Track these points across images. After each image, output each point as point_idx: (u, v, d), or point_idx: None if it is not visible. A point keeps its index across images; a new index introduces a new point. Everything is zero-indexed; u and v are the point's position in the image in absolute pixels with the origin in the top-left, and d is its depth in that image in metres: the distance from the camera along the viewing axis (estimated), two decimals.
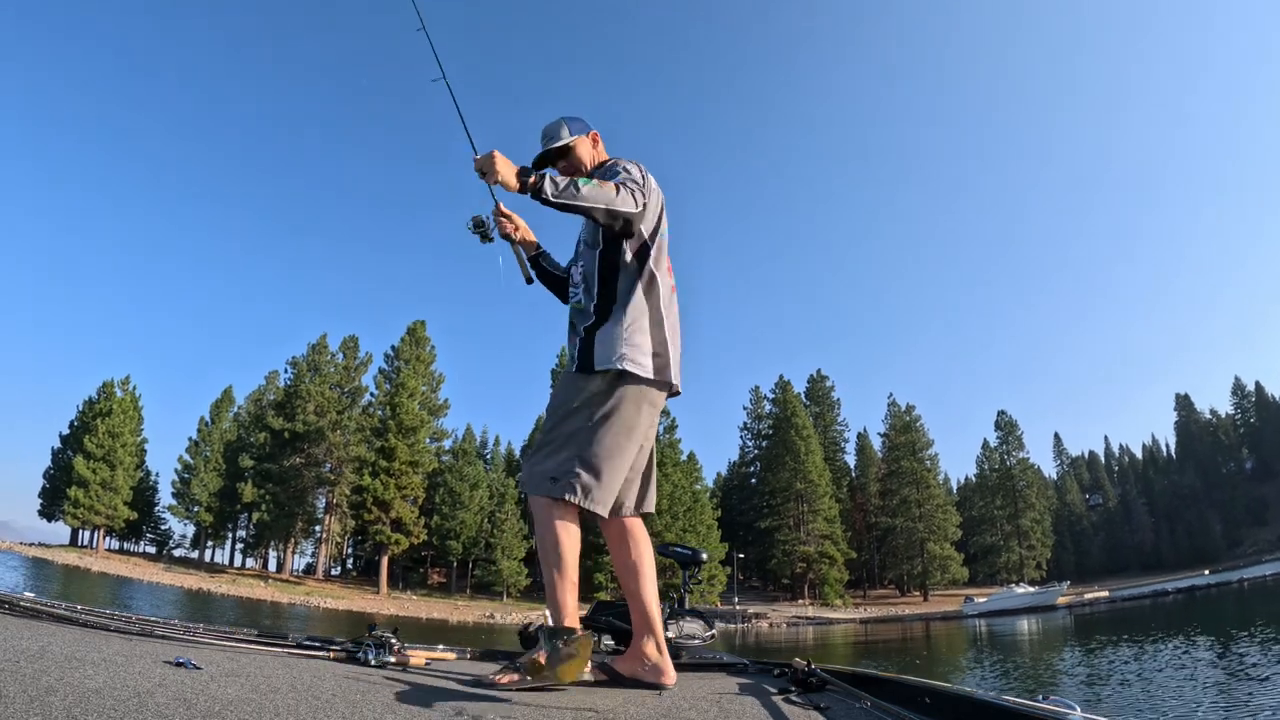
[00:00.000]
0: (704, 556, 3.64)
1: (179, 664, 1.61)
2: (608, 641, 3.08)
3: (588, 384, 2.34)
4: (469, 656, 3.15)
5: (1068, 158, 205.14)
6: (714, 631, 3.26)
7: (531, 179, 2.23)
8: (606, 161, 2.67)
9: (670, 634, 3.00)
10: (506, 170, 2.25)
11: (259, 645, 2.30)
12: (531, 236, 2.81)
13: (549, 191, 2.22)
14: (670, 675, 2.31)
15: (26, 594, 2.12)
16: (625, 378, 2.32)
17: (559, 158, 2.65)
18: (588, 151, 2.68)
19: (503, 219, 2.70)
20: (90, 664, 1.44)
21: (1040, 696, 1.64)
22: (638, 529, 2.42)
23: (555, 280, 2.78)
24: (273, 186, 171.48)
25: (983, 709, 1.47)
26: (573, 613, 2.24)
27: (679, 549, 3.60)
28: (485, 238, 2.69)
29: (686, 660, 2.88)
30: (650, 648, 2.32)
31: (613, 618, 3.10)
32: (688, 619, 3.18)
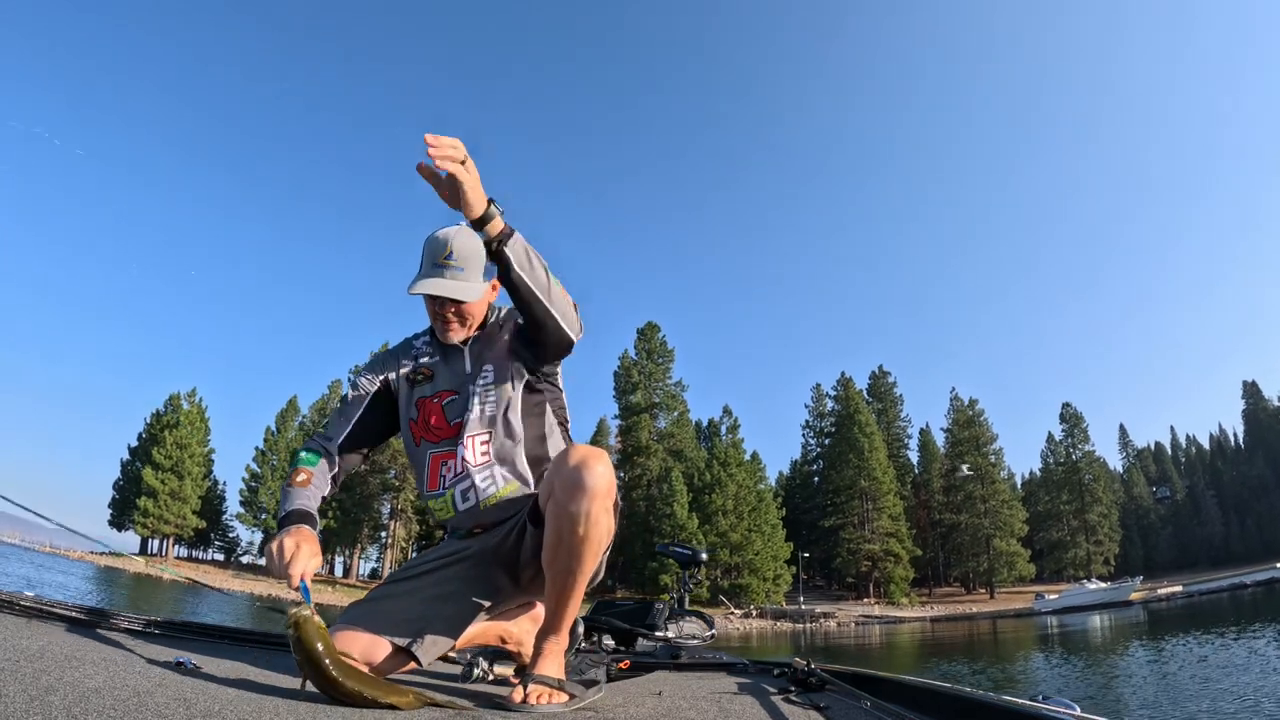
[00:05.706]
0: (703, 556, 3.56)
1: (179, 664, 1.63)
2: (608, 642, 3.08)
3: None
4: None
5: (1123, 137, 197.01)
6: (714, 631, 3.24)
7: (502, 228, 1.61)
8: (502, 312, 2.04)
9: (670, 634, 3.01)
10: (475, 188, 1.58)
11: (259, 645, 2.35)
12: None
13: (515, 262, 1.62)
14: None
15: (26, 593, 2.17)
16: None
17: (451, 301, 1.85)
18: (487, 302, 1.98)
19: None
20: (90, 663, 1.46)
21: (1040, 696, 1.63)
22: None
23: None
24: (331, 191, 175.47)
25: (983, 709, 1.46)
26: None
27: (679, 549, 3.53)
28: None
29: (686, 660, 2.88)
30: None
31: (613, 618, 3.09)
32: (688, 619, 3.16)
